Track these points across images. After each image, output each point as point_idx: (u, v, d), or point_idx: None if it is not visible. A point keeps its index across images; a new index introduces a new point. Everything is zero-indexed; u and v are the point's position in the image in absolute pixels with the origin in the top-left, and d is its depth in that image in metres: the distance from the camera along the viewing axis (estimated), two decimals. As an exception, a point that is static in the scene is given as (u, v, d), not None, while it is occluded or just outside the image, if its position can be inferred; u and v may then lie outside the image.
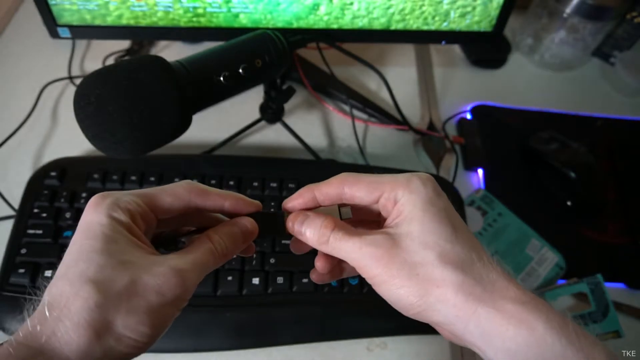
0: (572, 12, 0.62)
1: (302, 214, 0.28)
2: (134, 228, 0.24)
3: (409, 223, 0.25)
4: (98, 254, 0.22)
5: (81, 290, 0.21)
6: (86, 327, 0.20)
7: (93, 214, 0.23)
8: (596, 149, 0.58)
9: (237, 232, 0.27)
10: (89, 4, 0.48)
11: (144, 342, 0.22)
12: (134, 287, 0.21)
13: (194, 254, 0.25)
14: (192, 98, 0.38)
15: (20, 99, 0.59)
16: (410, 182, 0.26)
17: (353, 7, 0.50)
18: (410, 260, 0.24)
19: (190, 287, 0.24)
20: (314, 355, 0.43)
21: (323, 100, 0.61)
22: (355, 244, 0.25)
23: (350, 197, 0.27)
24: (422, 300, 0.24)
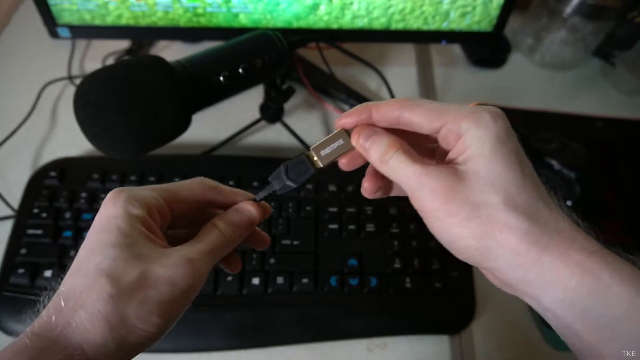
0: (573, 12, 0.62)
1: (370, 128, 0.26)
2: (149, 222, 0.24)
3: (476, 161, 0.23)
4: (112, 247, 0.22)
5: (96, 282, 0.21)
6: (100, 318, 0.21)
7: (109, 209, 0.24)
8: (596, 149, 0.58)
9: (241, 218, 0.27)
10: (88, 4, 0.48)
11: (156, 333, 0.23)
12: (146, 279, 0.22)
13: (202, 242, 0.25)
14: (192, 98, 0.38)
15: (20, 99, 0.59)
16: (479, 115, 0.23)
17: (353, 7, 0.50)
18: (473, 200, 0.22)
19: (201, 276, 0.24)
20: (314, 355, 0.43)
21: (323, 100, 0.61)
22: (416, 172, 0.23)
23: (408, 122, 0.25)
24: (481, 243, 0.22)
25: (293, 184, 0.28)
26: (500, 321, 0.46)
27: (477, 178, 0.23)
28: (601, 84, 0.68)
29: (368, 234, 0.47)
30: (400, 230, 0.47)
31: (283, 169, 0.28)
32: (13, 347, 0.20)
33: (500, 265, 0.23)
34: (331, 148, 0.27)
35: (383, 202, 0.49)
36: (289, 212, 0.47)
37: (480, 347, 0.45)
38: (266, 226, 0.46)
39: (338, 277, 0.44)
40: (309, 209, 0.48)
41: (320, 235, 0.47)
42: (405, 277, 0.45)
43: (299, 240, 0.46)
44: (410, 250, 0.46)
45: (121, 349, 0.22)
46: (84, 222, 0.46)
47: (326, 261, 0.45)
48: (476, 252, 0.23)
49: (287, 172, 0.28)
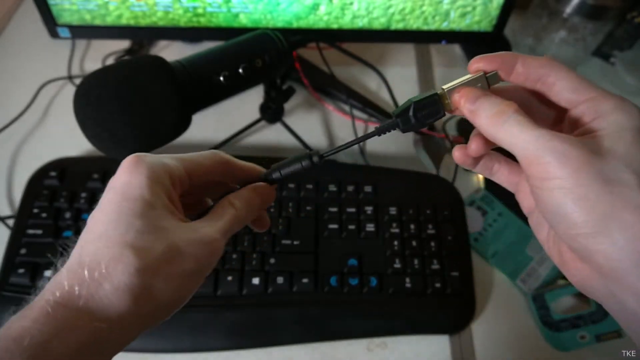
0: (572, 12, 0.62)
1: (479, 90, 0.24)
2: (172, 193, 0.24)
3: (615, 140, 0.21)
4: (137, 219, 0.22)
5: (121, 255, 0.21)
6: (126, 291, 0.20)
7: (132, 175, 0.23)
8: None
9: (256, 197, 0.27)
10: (88, 4, 0.48)
11: (175, 307, 0.23)
12: (171, 254, 0.22)
13: (221, 221, 0.25)
14: (192, 98, 0.38)
15: (20, 98, 0.59)
16: (625, 102, 0.23)
17: (353, 7, 0.50)
18: (607, 174, 0.20)
19: (219, 255, 0.24)
20: (314, 355, 0.43)
21: (323, 100, 0.61)
22: (544, 136, 0.21)
23: (551, 84, 0.24)
24: (602, 221, 0.20)
25: (420, 124, 0.26)
26: (500, 321, 0.46)
27: (614, 155, 0.21)
28: (601, 84, 0.68)
29: (368, 234, 0.47)
30: (400, 230, 0.47)
31: (412, 107, 0.25)
32: (32, 314, 0.20)
33: (616, 250, 0.20)
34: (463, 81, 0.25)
35: (383, 202, 0.49)
36: (289, 212, 0.47)
37: (480, 347, 0.45)
38: (266, 226, 0.46)
39: (338, 277, 0.44)
40: (309, 209, 0.48)
41: (320, 235, 0.47)
42: (405, 277, 0.45)
43: (299, 240, 0.46)
44: (410, 250, 0.46)
45: (142, 322, 0.22)
46: (84, 222, 0.45)
47: (326, 261, 0.45)
48: (590, 230, 0.21)
49: (416, 112, 0.25)
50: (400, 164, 0.54)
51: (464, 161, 0.27)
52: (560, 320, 0.45)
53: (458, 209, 0.50)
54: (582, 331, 0.44)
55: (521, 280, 0.47)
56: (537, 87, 0.24)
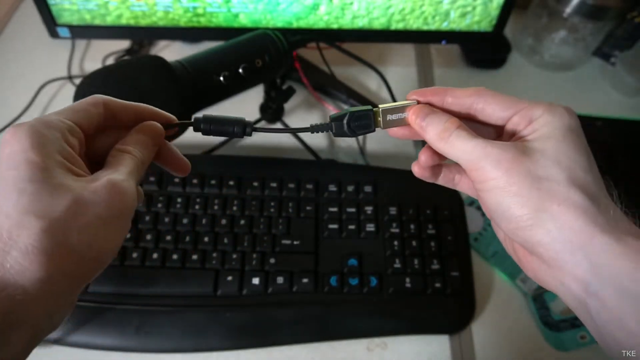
0: (572, 12, 0.62)
1: (429, 108, 0.27)
2: (65, 148, 0.22)
3: (545, 141, 0.24)
4: (28, 183, 0.20)
5: (22, 220, 0.20)
6: (37, 254, 0.20)
7: (11, 144, 0.21)
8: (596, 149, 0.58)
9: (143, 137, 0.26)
10: (88, 4, 0.48)
11: (106, 255, 0.22)
12: (77, 207, 0.21)
13: (122, 165, 0.24)
14: (192, 98, 0.38)
15: (20, 98, 0.59)
16: (554, 106, 0.25)
17: (353, 7, 0.50)
18: (536, 172, 0.23)
19: (131, 195, 0.23)
20: (314, 355, 0.43)
21: (323, 100, 0.61)
22: (479, 144, 0.24)
23: (481, 109, 0.26)
24: (535, 214, 0.23)
25: (351, 134, 0.28)
26: (500, 321, 0.46)
27: (543, 155, 0.23)
28: (601, 84, 0.68)
29: (368, 234, 0.47)
30: (400, 230, 0.47)
31: (348, 116, 0.27)
32: None
33: (551, 241, 0.22)
34: (397, 116, 0.28)
35: (383, 202, 0.49)
36: (289, 212, 0.47)
37: (480, 347, 0.45)
38: (266, 226, 0.46)
39: (338, 277, 0.44)
40: (309, 209, 0.48)
41: (320, 235, 0.47)
42: (405, 277, 0.45)
43: (299, 240, 0.46)
44: (410, 250, 0.46)
45: (71, 280, 0.21)
46: None
47: (326, 261, 0.45)
48: (527, 224, 0.23)
49: (350, 121, 0.27)
50: (400, 164, 0.54)
51: (422, 174, 0.30)
52: (560, 320, 0.45)
53: (458, 209, 0.50)
54: (582, 331, 0.44)
55: (521, 280, 0.47)
56: (470, 113, 0.27)
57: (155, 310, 0.42)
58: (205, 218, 0.46)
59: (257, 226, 0.46)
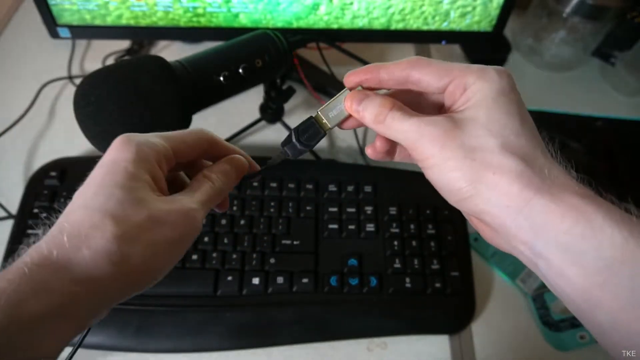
0: (572, 12, 0.62)
1: (362, 92, 0.27)
2: (157, 171, 0.24)
3: (477, 109, 0.24)
4: (118, 189, 0.22)
5: (101, 222, 0.21)
6: (103, 256, 0.21)
7: (119, 152, 0.24)
8: (596, 149, 0.58)
9: (229, 168, 0.27)
10: (88, 4, 0.48)
11: (158, 274, 0.24)
12: (150, 223, 0.22)
13: (199, 192, 0.25)
14: (192, 98, 0.38)
15: (20, 98, 0.59)
16: (485, 71, 0.25)
17: (353, 7, 0.50)
18: (469, 144, 0.23)
19: (198, 224, 0.25)
20: (314, 355, 0.43)
21: (323, 101, 0.61)
22: (414, 124, 0.24)
23: (417, 80, 0.26)
24: (472, 185, 0.23)
25: (305, 147, 0.28)
26: (500, 321, 0.46)
27: (474, 124, 0.24)
28: (601, 84, 0.68)
29: (368, 234, 0.47)
30: (400, 230, 0.47)
31: (294, 134, 0.28)
32: (8, 275, 0.20)
33: (490, 209, 0.23)
34: (338, 109, 0.28)
35: (383, 202, 0.49)
36: (289, 212, 0.47)
37: (480, 347, 0.45)
38: (266, 226, 0.46)
39: (338, 277, 0.44)
40: (309, 209, 0.48)
41: (320, 235, 0.47)
42: (405, 277, 0.45)
43: (299, 240, 0.46)
44: (410, 250, 0.46)
45: (121, 288, 0.22)
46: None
47: (326, 261, 0.45)
48: (467, 195, 0.24)
49: (299, 137, 0.28)
50: (400, 164, 0.54)
51: (376, 156, 0.30)
52: (560, 320, 0.45)
53: (458, 209, 0.50)
54: (582, 331, 0.44)
55: (521, 280, 0.47)
56: (409, 86, 0.26)
57: (155, 310, 0.42)
58: (205, 218, 0.46)
59: (257, 226, 0.46)
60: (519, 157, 0.23)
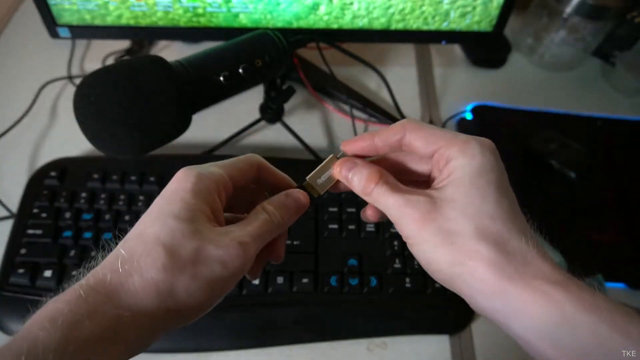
0: (572, 12, 0.62)
1: (351, 161, 0.28)
2: (216, 201, 0.25)
3: (455, 189, 0.24)
4: (173, 219, 0.23)
5: (153, 250, 0.22)
6: (152, 284, 0.22)
7: (179, 183, 0.25)
8: (596, 149, 0.58)
9: (290, 202, 0.28)
10: (88, 4, 0.48)
11: (199, 308, 0.24)
12: (199, 256, 0.23)
13: (252, 225, 0.25)
14: (192, 98, 0.38)
15: (20, 98, 0.59)
16: (468, 144, 0.25)
17: (353, 7, 0.50)
18: (447, 227, 0.24)
19: (250, 259, 0.24)
20: (314, 355, 0.43)
21: (323, 100, 0.61)
22: (396, 202, 0.25)
23: (408, 143, 0.27)
24: (452, 269, 0.24)
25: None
26: (500, 321, 0.46)
27: (452, 206, 0.24)
28: (601, 84, 0.68)
29: (368, 234, 0.47)
30: (400, 230, 0.47)
31: None
32: (66, 296, 0.21)
33: (469, 292, 0.24)
34: (326, 175, 0.29)
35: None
36: (289, 212, 0.47)
37: (480, 347, 0.45)
38: (266, 226, 0.46)
39: (338, 277, 0.44)
40: (309, 209, 0.48)
41: (320, 235, 0.47)
42: (405, 277, 0.45)
43: (299, 240, 0.46)
44: (410, 250, 0.46)
45: (166, 319, 0.22)
46: (84, 222, 0.46)
47: (326, 261, 0.45)
48: (447, 277, 0.24)
49: None
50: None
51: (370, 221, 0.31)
52: (560, 320, 0.45)
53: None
54: (582, 331, 0.44)
55: (521, 280, 0.47)
56: (403, 150, 0.27)
57: (155, 310, 0.42)
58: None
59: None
60: (493, 243, 0.23)
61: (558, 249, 0.49)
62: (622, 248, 0.52)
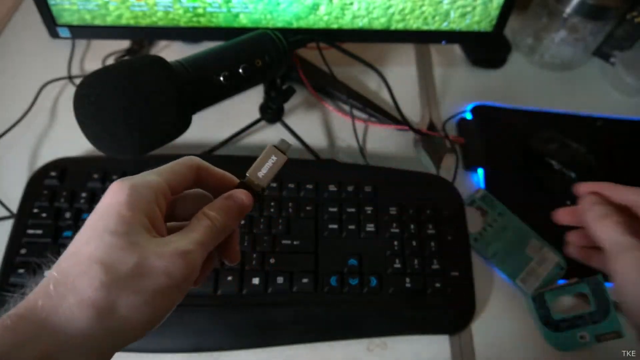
0: (572, 12, 0.62)
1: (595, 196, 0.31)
2: (154, 210, 0.24)
3: None
4: (108, 234, 0.22)
5: (89, 269, 0.21)
6: (90, 304, 0.20)
7: (113, 196, 0.23)
8: (596, 149, 0.58)
9: (231, 204, 0.27)
10: (88, 4, 0.48)
11: (145, 324, 0.22)
12: (141, 269, 0.22)
13: (195, 232, 0.24)
14: (192, 98, 0.38)
15: (20, 98, 0.59)
16: None
17: (353, 7, 0.50)
18: None
19: (196, 268, 0.23)
20: (314, 355, 0.43)
21: (323, 100, 0.61)
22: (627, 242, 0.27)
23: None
24: None
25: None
26: (500, 321, 0.46)
27: None
28: (601, 84, 0.68)
29: (368, 234, 0.47)
30: (400, 230, 0.47)
31: None
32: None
33: None
34: (267, 167, 0.28)
35: (383, 202, 0.49)
36: (289, 212, 0.47)
37: (480, 347, 0.45)
38: (266, 226, 0.46)
39: (338, 277, 0.44)
40: (309, 209, 0.48)
41: (320, 235, 0.47)
42: (405, 277, 0.45)
43: (299, 240, 0.46)
44: (410, 250, 0.46)
45: (108, 339, 0.21)
46: (84, 222, 0.46)
47: (326, 261, 0.45)
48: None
49: None
50: (400, 164, 0.54)
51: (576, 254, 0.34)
52: (560, 320, 0.45)
53: (458, 209, 0.50)
54: (582, 331, 0.44)
55: (521, 280, 0.47)
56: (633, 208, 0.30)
57: (155, 310, 0.42)
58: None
59: (257, 226, 0.46)
60: None
61: (558, 249, 0.49)
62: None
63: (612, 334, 0.44)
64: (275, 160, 0.28)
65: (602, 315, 0.44)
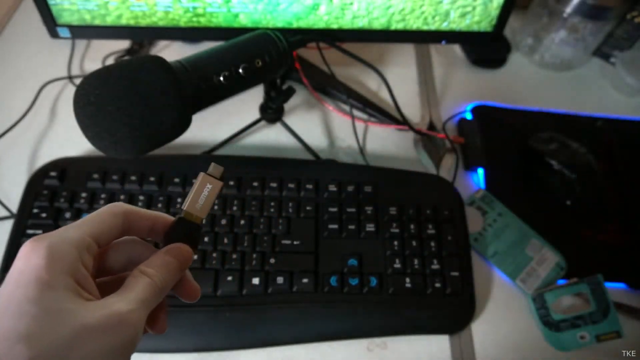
0: (572, 12, 0.62)
1: None
2: (80, 270, 0.21)
3: None
4: (31, 305, 0.19)
5: (12, 349, 0.18)
6: None
7: (27, 260, 0.21)
8: (596, 149, 0.58)
9: (170, 260, 0.24)
10: (88, 4, 0.48)
11: None
12: (74, 339, 0.19)
13: (134, 291, 0.22)
14: (192, 98, 0.38)
15: (20, 99, 0.59)
16: None
17: (353, 7, 0.50)
18: None
19: (137, 328, 0.21)
20: (314, 355, 0.43)
21: (323, 100, 0.61)
22: None
23: None
24: None
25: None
26: (500, 321, 0.46)
27: None
28: (601, 84, 0.68)
29: (368, 234, 0.47)
30: (400, 230, 0.47)
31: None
32: None
33: None
34: (204, 197, 0.26)
35: (383, 202, 0.49)
36: (289, 212, 0.47)
37: (480, 347, 0.45)
38: (266, 226, 0.46)
39: (338, 277, 0.44)
40: (309, 209, 0.48)
41: (320, 235, 0.47)
42: (405, 277, 0.45)
43: (299, 240, 0.46)
44: (410, 250, 0.46)
45: None
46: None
47: (326, 261, 0.45)
48: None
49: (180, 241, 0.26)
50: (400, 164, 0.54)
51: None
52: (560, 320, 0.45)
53: (458, 209, 0.50)
54: (582, 331, 0.44)
55: (521, 280, 0.47)
56: None
57: (155, 310, 0.42)
58: (203, 225, 0.46)
59: (257, 226, 0.46)
60: None
61: (558, 249, 0.49)
62: (622, 248, 0.52)
63: (612, 334, 0.44)
64: (211, 189, 0.27)
65: (602, 315, 0.44)
